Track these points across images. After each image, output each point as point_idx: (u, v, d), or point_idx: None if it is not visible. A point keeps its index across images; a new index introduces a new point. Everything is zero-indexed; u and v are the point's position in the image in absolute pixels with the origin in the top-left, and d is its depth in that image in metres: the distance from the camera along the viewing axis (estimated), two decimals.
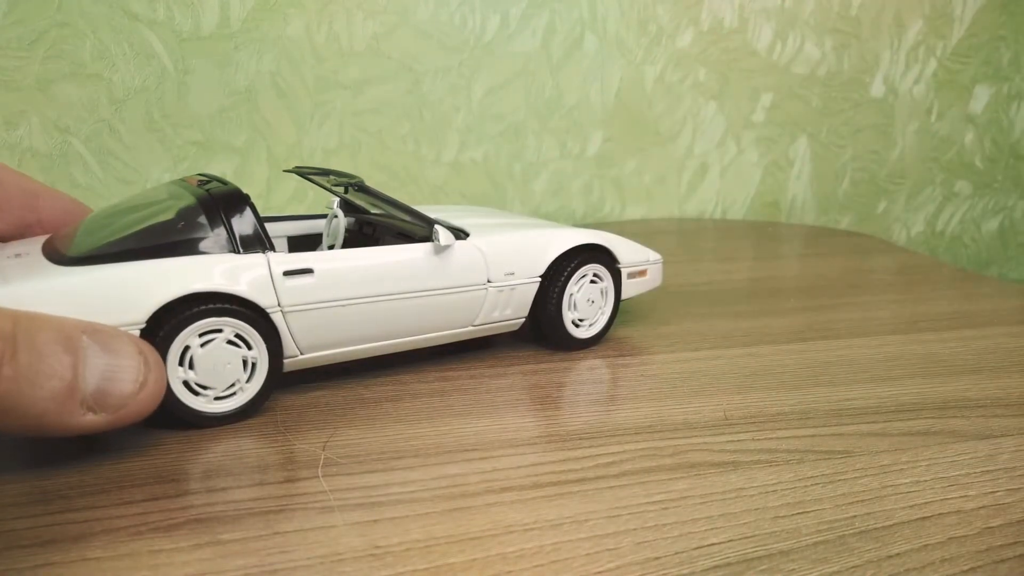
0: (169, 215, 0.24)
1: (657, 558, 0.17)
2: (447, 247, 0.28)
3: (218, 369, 0.23)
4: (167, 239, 0.23)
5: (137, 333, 0.22)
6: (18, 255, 0.23)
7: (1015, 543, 0.19)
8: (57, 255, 0.23)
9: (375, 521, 0.18)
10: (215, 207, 0.24)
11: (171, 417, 0.23)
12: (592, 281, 0.32)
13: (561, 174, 0.64)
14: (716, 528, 0.19)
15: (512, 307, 0.30)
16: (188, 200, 0.25)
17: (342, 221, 0.32)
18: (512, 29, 0.59)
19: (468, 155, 0.60)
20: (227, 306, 0.23)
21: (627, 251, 0.34)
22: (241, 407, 0.24)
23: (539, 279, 0.30)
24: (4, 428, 0.19)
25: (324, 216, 0.34)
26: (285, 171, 0.33)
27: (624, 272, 0.33)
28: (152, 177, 0.52)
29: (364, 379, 0.28)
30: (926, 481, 0.22)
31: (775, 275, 0.48)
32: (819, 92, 0.70)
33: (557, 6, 0.59)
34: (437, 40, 0.57)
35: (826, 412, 0.26)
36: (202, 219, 0.24)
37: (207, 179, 0.27)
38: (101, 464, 0.21)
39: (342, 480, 0.21)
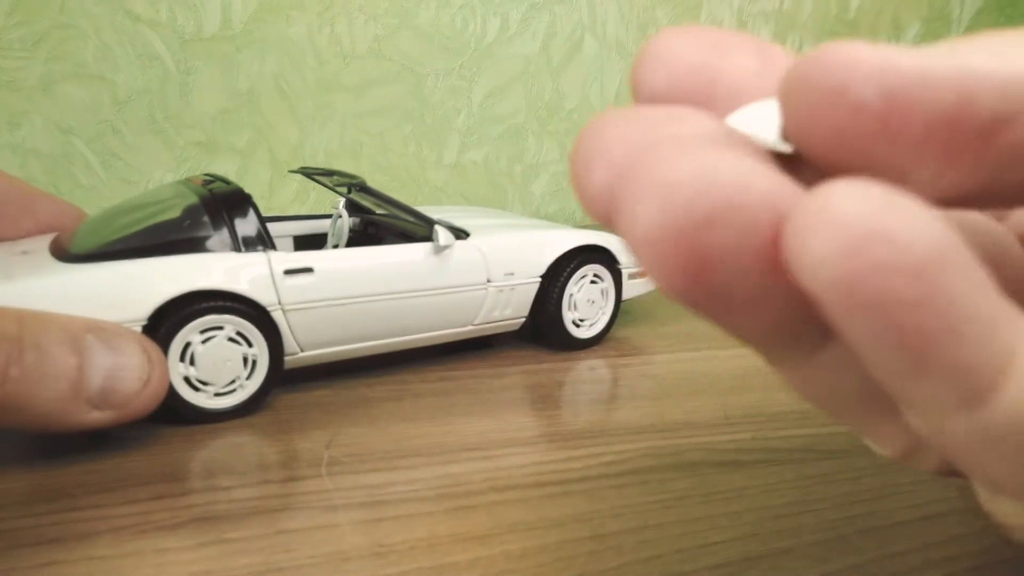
0: (172, 214, 0.25)
1: (659, 556, 0.17)
2: (447, 247, 0.28)
3: (219, 366, 0.23)
4: (170, 237, 0.24)
5: (139, 329, 0.22)
6: (25, 252, 0.24)
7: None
8: (62, 252, 0.23)
9: (379, 520, 0.19)
10: (217, 206, 0.24)
11: (172, 412, 0.23)
12: (592, 281, 0.32)
13: (561, 176, 0.64)
14: (718, 527, 0.19)
15: (512, 307, 0.30)
16: (191, 199, 0.25)
17: (346, 221, 0.32)
18: (512, 32, 0.59)
19: (469, 157, 0.60)
20: (228, 304, 0.23)
21: (628, 252, 0.34)
22: (241, 403, 0.24)
23: (539, 279, 0.31)
24: (9, 425, 0.19)
25: (330, 216, 0.34)
26: (291, 171, 0.33)
27: (625, 273, 0.34)
28: (155, 178, 0.52)
29: (367, 378, 0.28)
30: (927, 480, 0.22)
31: None
32: None
33: (557, 9, 0.60)
34: (438, 42, 0.57)
35: None
36: (205, 218, 0.24)
37: (211, 179, 0.27)
38: (105, 462, 0.21)
39: (346, 479, 0.21)
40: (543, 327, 0.31)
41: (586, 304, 0.32)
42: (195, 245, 0.24)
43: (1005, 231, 0.13)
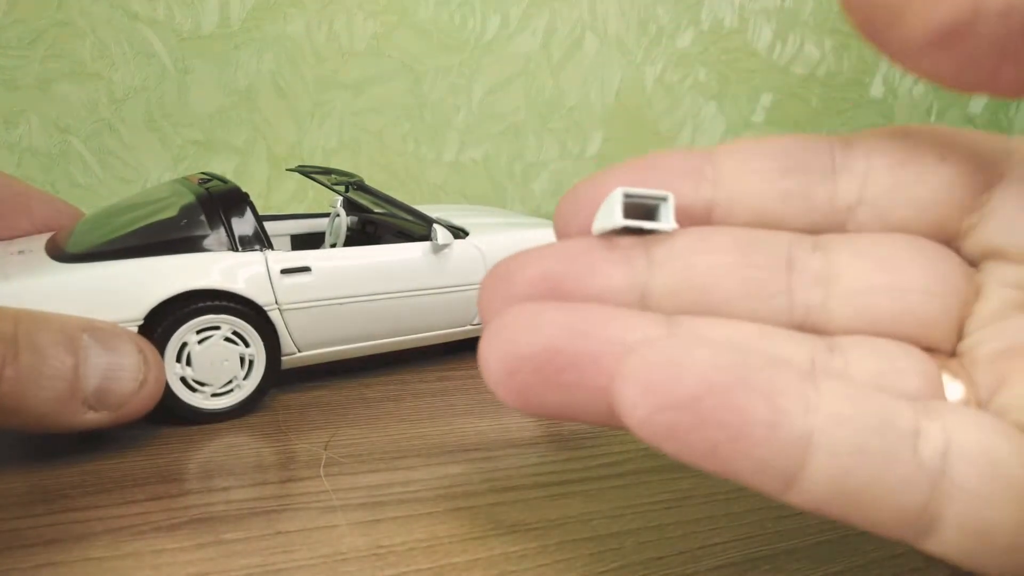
0: (169, 213, 0.24)
1: (660, 558, 0.17)
2: (446, 246, 0.28)
3: (215, 366, 0.23)
4: (166, 236, 0.23)
5: (135, 329, 0.22)
6: (21, 252, 0.23)
7: None
8: (59, 252, 0.23)
9: (378, 521, 0.18)
10: (214, 205, 0.24)
11: (169, 413, 0.23)
12: None
13: (561, 174, 0.64)
14: (719, 528, 0.19)
15: None
16: (188, 198, 0.25)
17: (344, 220, 0.32)
18: (512, 29, 0.58)
19: (468, 155, 0.60)
20: (224, 303, 0.23)
21: None
22: (238, 404, 0.24)
23: None
24: (5, 426, 0.19)
25: (328, 215, 0.34)
26: (288, 170, 0.33)
27: None
28: (152, 176, 0.52)
29: (365, 379, 0.28)
30: None
31: None
32: (819, 92, 0.70)
33: (557, 6, 0.59)
34: (437, 40, 0.57)
35: None
36: (201, 217, 0.24)
37: (208, 178, 0.27)
38: (103, 463, 0.21)
39: (344, 480, 0.20)
40: None
41: None
42: (192, 244, 0.23)
43: (959, 261, 0.14)
